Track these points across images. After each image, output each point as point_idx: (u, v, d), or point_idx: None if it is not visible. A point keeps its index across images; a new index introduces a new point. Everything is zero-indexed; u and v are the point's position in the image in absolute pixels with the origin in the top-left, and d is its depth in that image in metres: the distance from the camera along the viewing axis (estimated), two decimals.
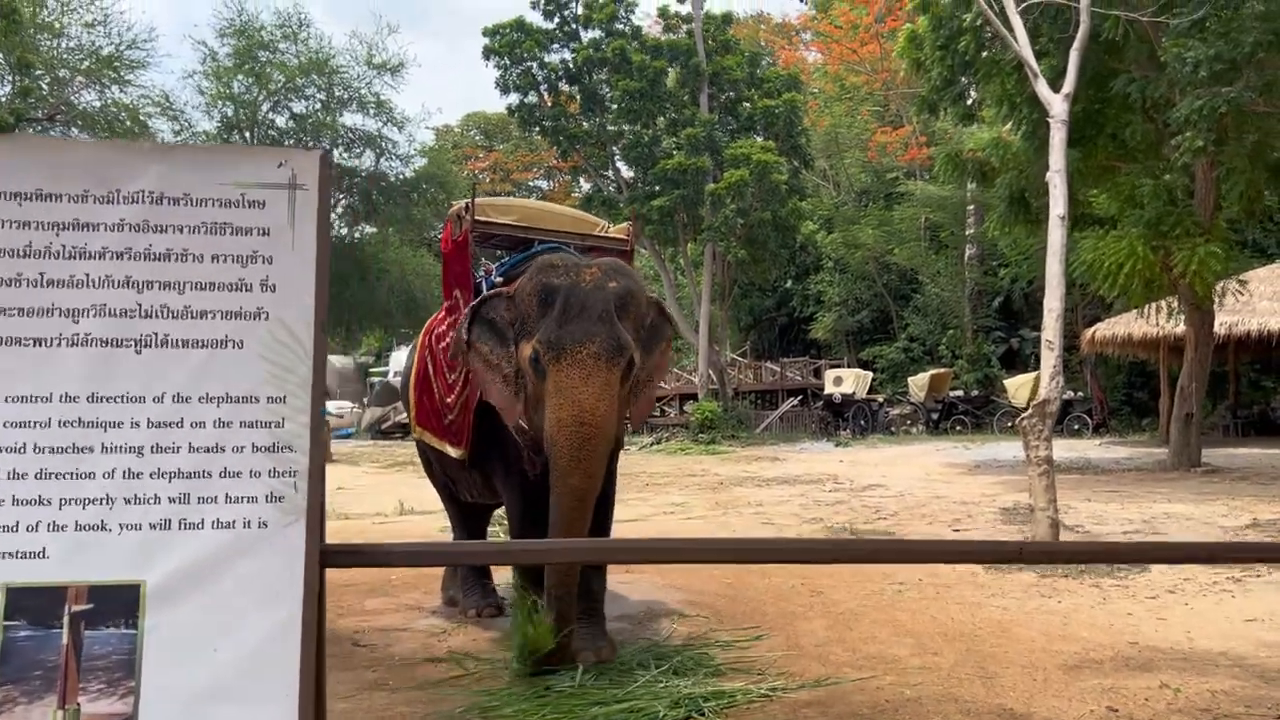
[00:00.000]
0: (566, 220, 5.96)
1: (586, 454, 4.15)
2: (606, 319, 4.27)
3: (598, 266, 4.49)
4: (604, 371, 4.19)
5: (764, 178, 21.65)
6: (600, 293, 4.33)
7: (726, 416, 23.48)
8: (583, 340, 4.19)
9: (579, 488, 4.18)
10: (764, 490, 12.66)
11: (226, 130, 31.87)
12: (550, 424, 4.21)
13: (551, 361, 4.21)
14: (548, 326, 4.26)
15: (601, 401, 4.18)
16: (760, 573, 6.95)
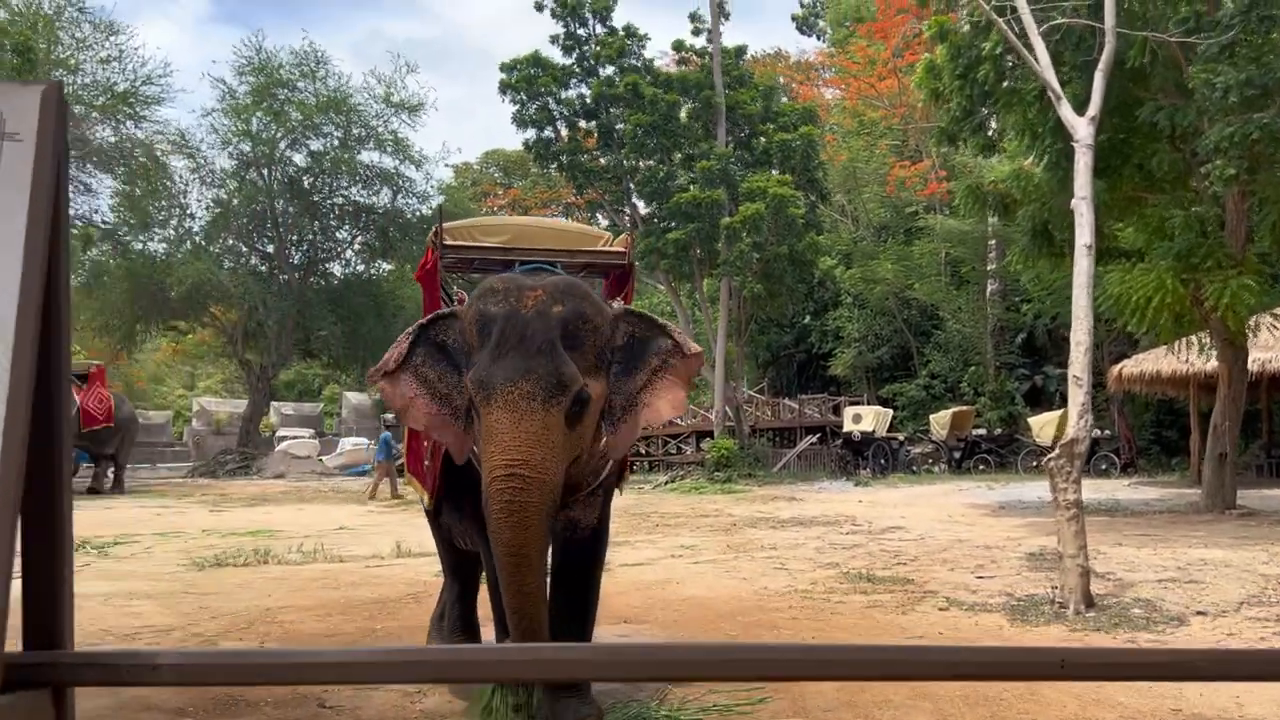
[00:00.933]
0: (566, 237, 5.56)
1: (520, 507, 3.59)
2: (547, 350, 3.70)
3: (544, 288, 3.88)
4: (539, 414, 3.60)
5: (780, 211, 21.30)
6: (541, 320, 3.75)
7: (743, 454, 22.99)
8: (514, 378, 3.63)
9: (514, 543, 3.62)
10: (779, 532, 12.19)
11: (244, 167, 31.96)
12: (483, 474, 3.70)
13: (482, 403, 3.67)
14: (480, 362, 3.74)
15: (537, 449, 3.59)
16: (768, 625, 6.52)
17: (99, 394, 21.53)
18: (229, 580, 8.64)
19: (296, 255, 33.24)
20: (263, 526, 13.46)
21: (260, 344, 32.71)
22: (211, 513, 16.29)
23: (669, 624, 6.59)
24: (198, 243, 31.62)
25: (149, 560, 10.12)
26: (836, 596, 7.56)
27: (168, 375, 54.42)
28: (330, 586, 8.32)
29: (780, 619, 6.72)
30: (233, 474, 28.81)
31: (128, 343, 33.22)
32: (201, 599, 7.66)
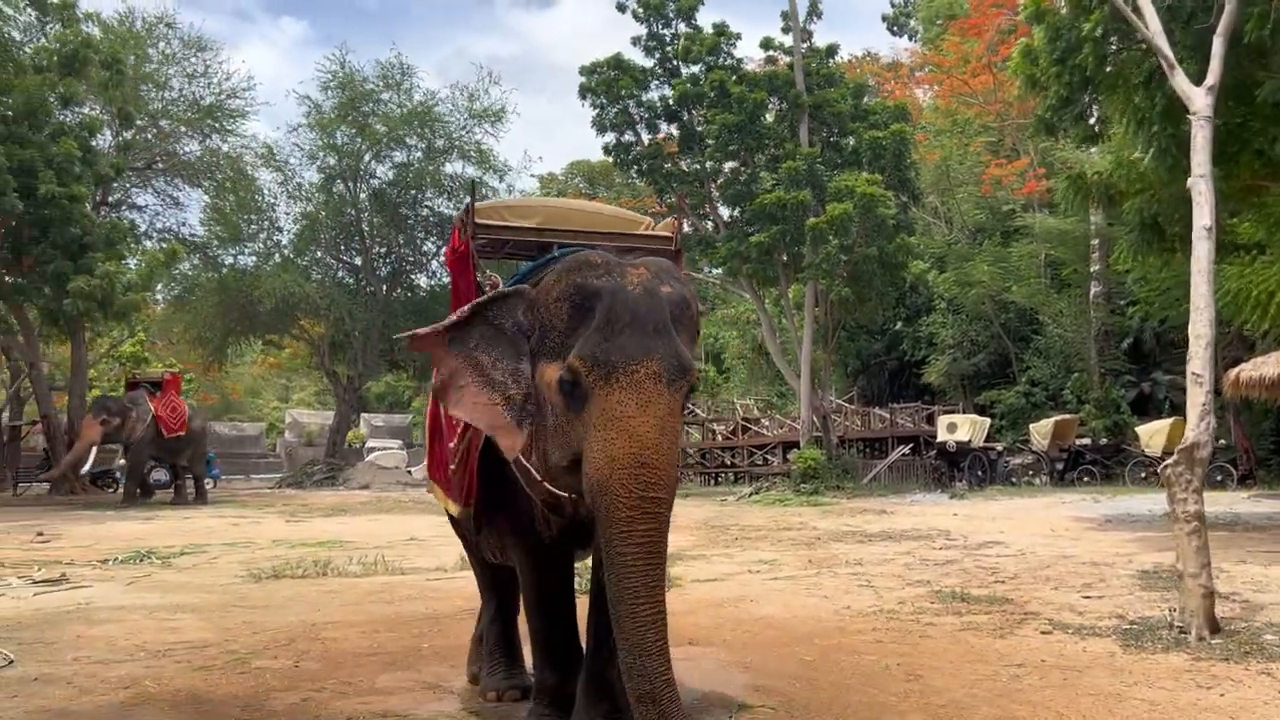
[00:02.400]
0: (602, 219, 5.05)
1: (652, 501, 3.21)
2: (663, 331, 3.36)
3: (644, 266, 3.55)
4: (666, 397, 3.29)
5: (869, 212, 20.47)
6: (652, 298, 3.41)
7: (831, 465, 22.17)
8: (639, 357, 3.27)
9: (647, 543, 3.20)
10: (866, 547, 11.46)
11: (330, 181, 32.29)
12: (598, 465, 3.25)
13: (599, 383, 3.27)
14: (589, 338, 3.33)
15: (664, 435, 3.26)
16: (848, 649, 5.88)
17: (173, 402, 21.69)
18: (281, 593, 8.29)
19: (383, 267, 33.42)
20: (334, 537, 13.21)
21: (347, 356, 32.97)
22: (287, 523, 16.16)
23: (738, 646, 5.99)
24: (286, 256, 32.05)
25: (209, 571, 9.88)
26: (926, 618, 6.86)
27: (264, 388, 55.56)
28: (385, 601, 7.90)
29: (862, 643, 6.07)
30: (319, 484, 28.98)
31: (219, 355, 33.77)
32: (248, 613, 7.31)
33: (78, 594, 8.26)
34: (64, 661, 5.59)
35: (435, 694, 4.96)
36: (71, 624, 6.80)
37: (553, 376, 3.43)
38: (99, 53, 22.65)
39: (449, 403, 3.72)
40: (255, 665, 5.54)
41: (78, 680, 5.13)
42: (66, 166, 21.10)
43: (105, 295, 20.98)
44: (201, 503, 21.64)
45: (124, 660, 5.64)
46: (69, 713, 4.54)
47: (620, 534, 3.20)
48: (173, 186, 29.88)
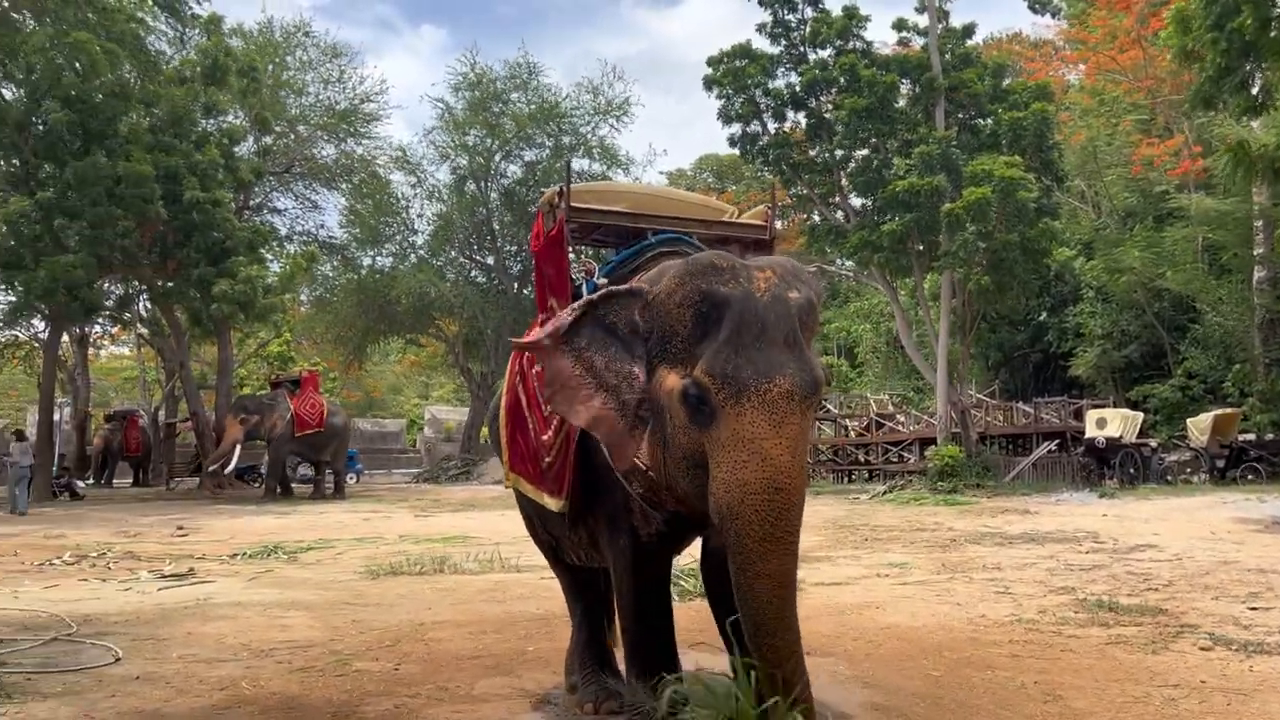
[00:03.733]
0: (690, 206, 4.76)
1: (785, 529, 3.02)
2: (794, 343, 3.16)
3: (771, 269, 3.32)
4: (799, 417, 3.11)
5: (1009, 196, 19.47)
6: (782, 306, 3.20)
7: (970, 463, 21.22)
8: (771, 374, 3.07)
9: (780, 572, 3.03)
10: (1005, 550, 10.79)
11: (462, 181, 32.82)
12: (729, 489, 3.05)
13: (729, 401, 3.07)
14: (718, 351, 3.13)
15: (798, 457, 3.07)
16: (980, 663, 5.40)
17: (312, 400, 22.31)
18: (395, 591, 8.24)
19: (514, 265, 33.78)
20: (459, 532, 13.26)
21: (480, 353, 33.48)
22: (416, 518, 16.37)
23: (859, 658, 5.58)
24: (421, 256, 32.72)
25: (331, 568, 9.96)
26: (1069, 629, 6.30)
27: (404, 385, 57.01)
28: (496, 600, 7.75)
29: (997, 656, 5.58)
30: (454, 479, 29.51)
31: (359, 354, 34.78)
32: (359, 611, 7.26)
33: (200, 589, 8.38)
34: (169, 659, 5.57)
35: (531, 703, 4.73)
36: (186, 620, 6.85)
37: (674, 385, 3.24)
38: (237, 61, 23.48)
39: (557, 405, 3.55)
40: (355, 667, 5.43)
41: (177, 680, 5.09)
42: (210, 173, 21.94)
43: (247, 299, 21.71)
44: (339, 497, 22.21)
45: (227, 660, 5.59)
46: (161, 715, 4.47)
47: (750, 564, 3.04)
48: (311, 190, 30.94)
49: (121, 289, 27.43)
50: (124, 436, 29.42)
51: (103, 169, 19.85)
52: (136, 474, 30.36)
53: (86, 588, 8.50)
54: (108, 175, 19.96)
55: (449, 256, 34.05)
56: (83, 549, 11.39)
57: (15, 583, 8.70)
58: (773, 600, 3.03)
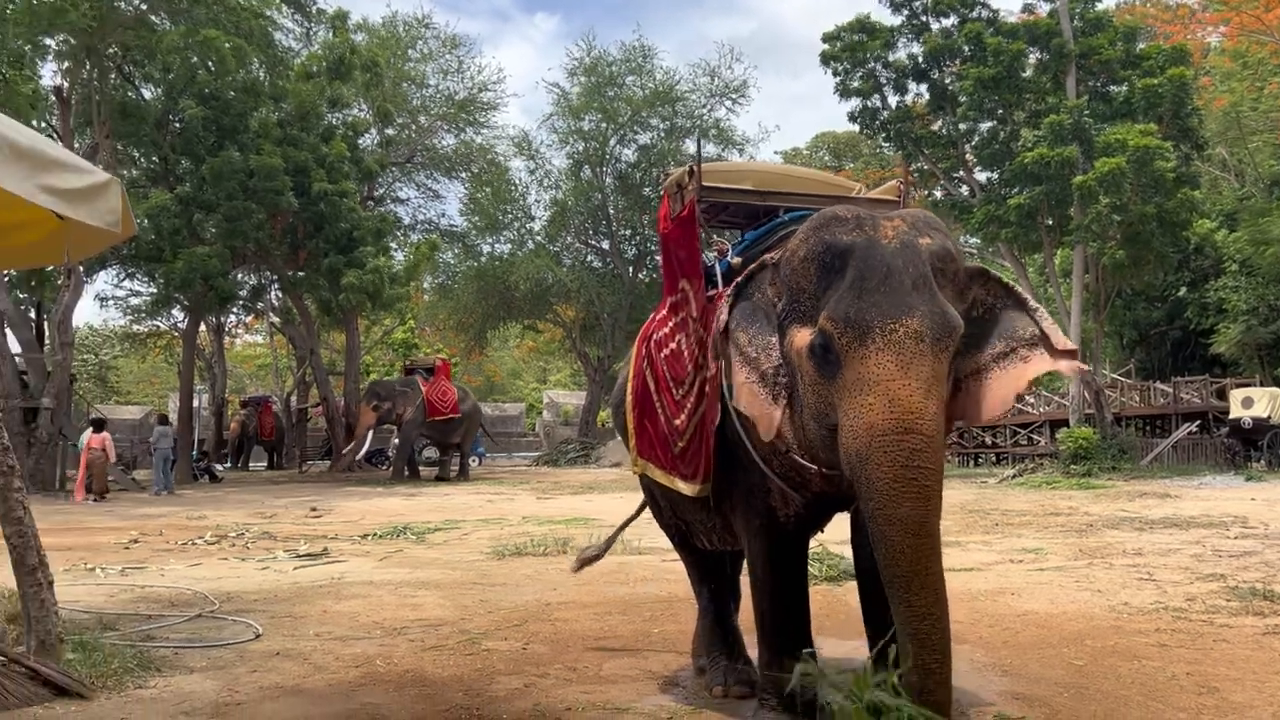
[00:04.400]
0: (818, 184, 4.63)
1: (918, 471, 2.85)
2: (924, 287, 3.02)
3: (900, 218, 3.21)
4: (930, 358, 2.95)
5: (1145, 166, 18.62)
6: (910, 251, 3.07)
7: (1105, 445, 20.44)
8: (898, 315, 2.94)
9: (915, 518, 2.86)
10: (1146, 535, 10.32)
11: (578, 166, 33.05)
12: (856, 433, 2.95)
13: (853, 345, 2.97)
14: (841, 297, 3.03)
15: (930, 399, 2.93)
16: (1126, 653, 5.14)
17: (443, 387, 22.83)
18: (521, 571, 8.33)
19: (629, 249, 33.88)
20: (581, 515, 13.35)
21: (596, 337, 33.73)
22: (538, 500, 16.56)
23: (996, 646, 5.37)
24: (538, 242, 33.08)
25: (458, 548, 10.13)
26: (1221, 619, 5.96)
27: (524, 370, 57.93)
28: (620, 581, 7.76)
29: (1143, 646, 5.30)
30: (573, 462, 29.84)
31: (480, 339, 35.45)
32: (487, 591, 7.35)
33: (334, 568, 8.61)
34: (306, 637, 5.72)
35: (659, 685, 4.69)
36: (321, 598, 7.03)
37: (803, 342, 3.16)
38: (361, 56, 24.09)
39: (732, 393, 3.49)
40: (485, 646, 5.47)
41: (314, 657, 5.21)
42: (336, 165, 22.59)
43: (375, 288, 22.30)
44: (463, 479, 22.69)
45: (361, 638, 5.71)
46: (299, 690, 4.57)
47: (883, 511, 2.90)
48: (432, 179, 31.61)
49: (254, 279, 28.51)
50: (258, 421, 30.61)
51: (236, 163, 20.64)
52: (271, 457, 31.58)
53: (227, 566, 8.82)
54: (240, 169, 20.76)
55: (565, 242, 34.39)
56: (223, 529, 11.85)
57: (162, 561, 9.08)
58: (908, 548, 2.85)
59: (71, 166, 2.99)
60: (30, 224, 3.55)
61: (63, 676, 4.40)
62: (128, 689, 4.52)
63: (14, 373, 19.43)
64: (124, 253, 23.77)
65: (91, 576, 8.02)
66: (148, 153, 23.70)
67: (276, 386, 35.40)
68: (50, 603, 4.66)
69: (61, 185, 2.85)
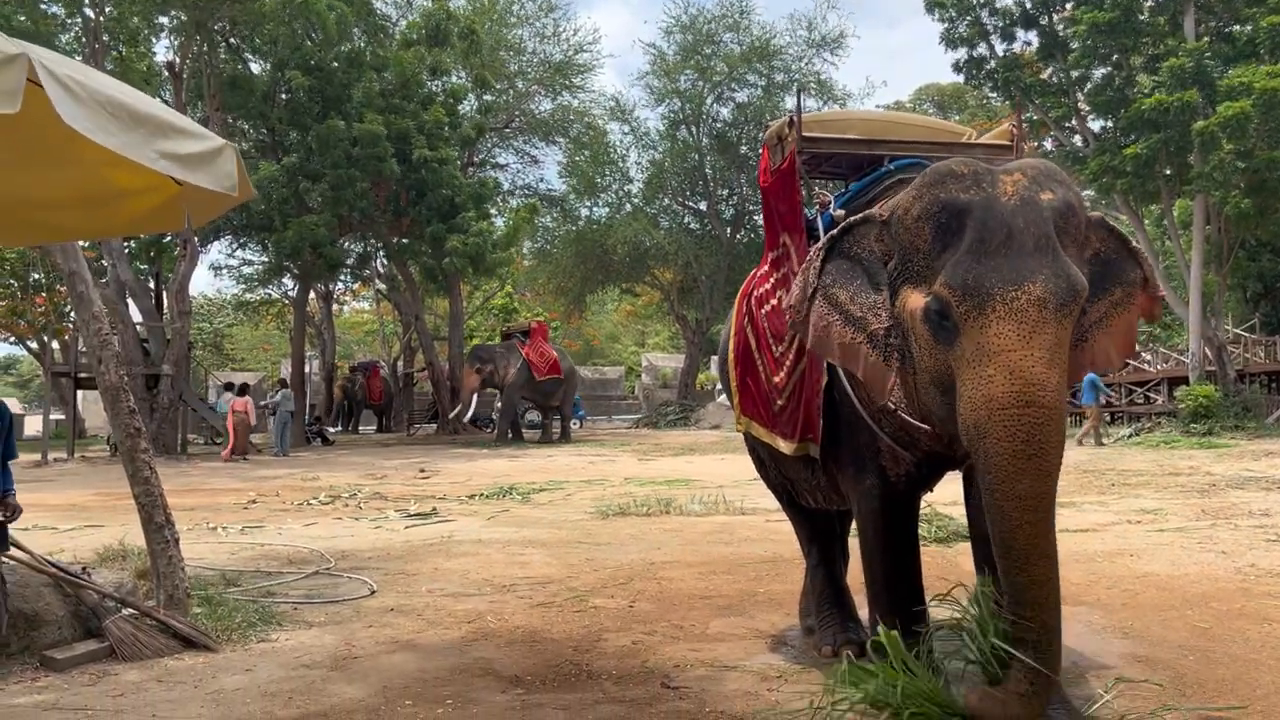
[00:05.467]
0: (923, 130, 4.48)
1: (1039, 447, 2.77)
2: (1047, 248, 2.88)
3: (1020, 171, 3.04)
4: (1053, 326, 2.84)
5: (1272, 109, 17.61)
6: (1032, 210, 2.92)
7: (1227, 403, 19.61)
8: (1019, 281, 2.83)
9: (1033, 494, 2.79)
10: (1274, 495, 9.90)
11: (674, 126, 32.82)
12: (975, 406, 2.86)
13: (971, 313, 2.87)
14: (959, 262, 2.92)
15: (1054, 370, 2.82)
16: (1255, 615, 4.95)
17: (541, 349, 23.09)
18: (625, 531, 8.39)
19: (727, 210, 33.61)
20: (681, 476, 13.39)
21: (694, 300, 33.63)
22: (639, 461, 16.65)
23: (1115, 607, 5.22)
24: (636, 205, 33.04)
25: (563, 508, 10.25)
26: None
27: (622, 333, 58.15)
28: (723, 541, 7.75)
29: (1273, 608, 5.10)
30: (672, 424, 29.91)
31: (579, 303, 35.68)
32: (592, 549, 7.42)
33: (443, 527, 8.80)
34: (419, 593, 5.86)
35: (767, 643, 4.68)
36: (433, 556, 7.19)
37: (917, 305, 3.05)
38: (458, 23, 24.26)
39: (820, 350, 3.43)
40: (592, 604, 5.53)
41: (427, 613, 5.33)
42: (436, 132, 22.87)
43: (478, 252, 22.58)
44: (565, 441, 22.97)
45: (472, 594, 5.82)
46: (414, 645, 4.68)
47: (1001, 486, 2.81)
48: (530, 144, 31.77)
49: (360, 247, 29.14)
50: (367, 386, 31.39)
51: (340, 133, 21.05)
52: (380, 421, 32.40)
53: (341, 525, 9.09)
54: (344, 138, 21.17)
55: (663, 204, 34.26)
56: (336, 490, 12.21)
57: (279, 520, 9.40)
58: (1024, 524, 2.78)
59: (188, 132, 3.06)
60: (149, 190, 3.66)
61: (191, 629, 4.60)
62: (251, 642, 4.70)
63: (136, 341, 20.26)
64: (236, 223, 24.54)
65: (213, 535, 8.35)
66: (256, 124, 24.34)
67: (384, 352, 36.22)
68: (177, 559, 4.86)
69: (179, 150, 2.92)
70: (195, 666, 4.31)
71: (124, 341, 20.08)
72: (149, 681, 4.09)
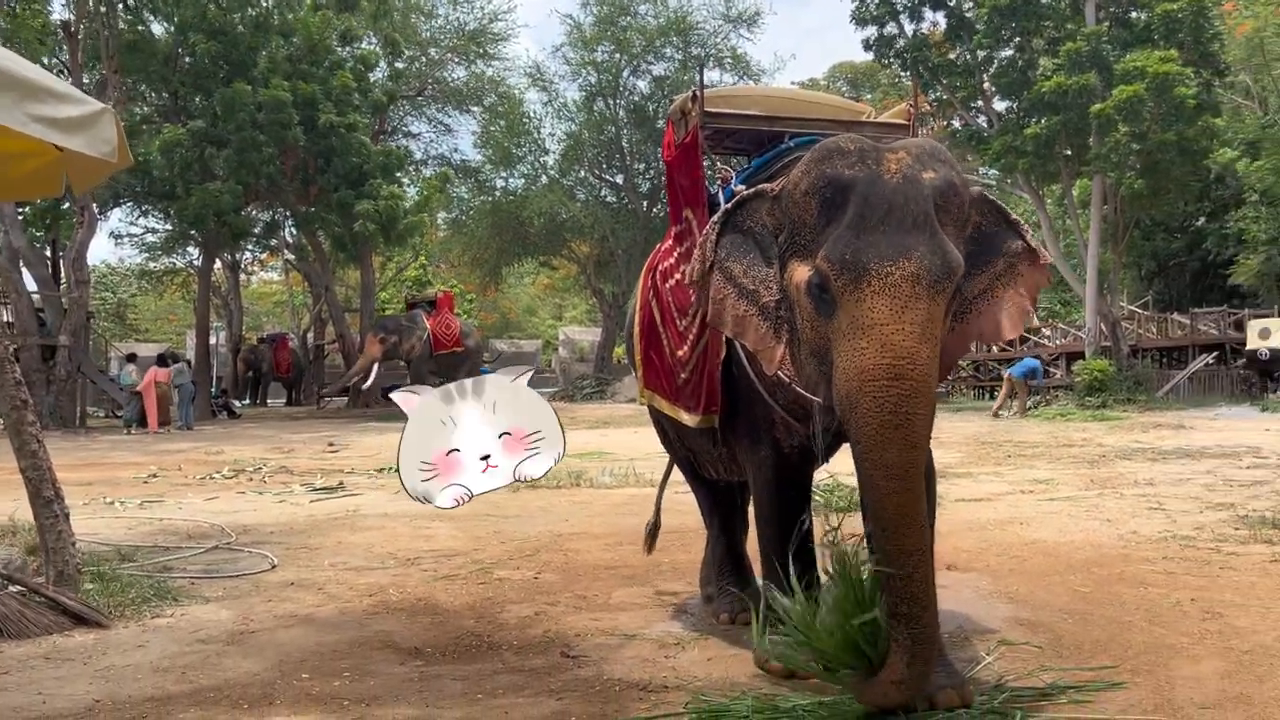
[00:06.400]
0: (824, 108, 4.56)
1: (906, 418, 2.85)
2: (925, 226, 2.95)
3: (905, 150, 3.10)
4: (925, 302, 2.90)
5: (1164, 93, 18.27)
6: (913, 188, 2.98)
7: (1120, 378, 20.39)
8: (895, 257, 2.89)
9: (900, 464, 2.87)
10: (1158, 466, 10.34)
11: (591, 98, 32.66)
12: (847, 378, 2.93)
13: (848, 287, 2.93)
14: (839, 238, 2.97)
15: (924, 344, 2.89)
16: (1132, 580, 5.19)
17: (447, 320, 22.82)
18: (534, 504, 8.42)
19: (643, 184, 33.63)
20: (595, 449, 13.42)
21: (611, 273, 33.64)
22: None
23: (1002, 574, 5.43)
24: (552, 177, 32.84)
25: None
26: (1229, 546, 5.99)
27: (539, 306, 57.91)
28: (632, 513, 7.81)
29: (1150, 573, 5.34)
30: (588, 398, 29.97)
31: (495, 276, 35.39)
32: (500, 522, 7.44)
33: (349, 501, 8.74)
34: (321, 567, 5.82)
35: (668, 612, 4.77)
36: (337, 530, 7.14)
37: (801, 278, 3.11)
38: None
39: (715, 322, 3.48)
40: (497, 576, 5.57)
41: (329, 587, 5.30)
42: (345, 98, 22.42)
43: (389, 218, 22.22)
44: None
45: (375, 568, 5.81)
46: (313, 619, 4.66)
47: (870, 455, 2.89)
48: (443, 113, 31.34)
49: (268, 216, 28.46)
50: (274, 358, 30.74)
51: (246, 98, 20.53)
52: (289, 394, 31.82)
53: (244, 500, 8.95)
54: (250, 104, 20.64)
55: (579, 176, 34.10)
56: (240, 464, 12.00)
57: (179, 495, 9.22)
58: (892, 493, 2.87)
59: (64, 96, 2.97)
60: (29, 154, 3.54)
61: (81, 606, 4.50)
62: (145, 618, 4.63)
63: (31, 310, 19.58)
64: (137, 189, 23.79)
65: (110, 510, 8.17)
66: (158, 88, 23.57)
67: (293, 324, 35.53)
68: (67, 534, 4.75)
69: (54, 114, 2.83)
70: (85, 644, 4.23)
71: (18, 311, 19.40)
72: (36, 659, 4.01)
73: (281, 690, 3.60)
